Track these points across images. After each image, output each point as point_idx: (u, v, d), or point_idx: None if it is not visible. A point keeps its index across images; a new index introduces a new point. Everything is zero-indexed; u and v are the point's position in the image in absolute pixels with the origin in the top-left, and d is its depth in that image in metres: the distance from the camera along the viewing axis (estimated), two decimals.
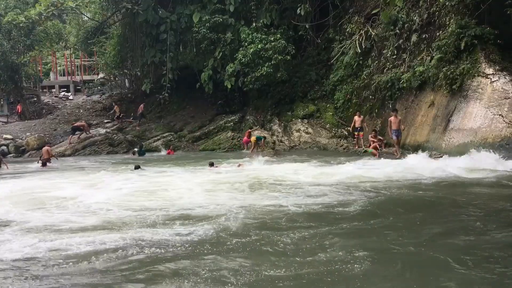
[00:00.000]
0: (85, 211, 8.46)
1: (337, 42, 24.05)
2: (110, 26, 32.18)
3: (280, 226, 7.01)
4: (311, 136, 22.62)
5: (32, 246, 6.14)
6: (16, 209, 8.73)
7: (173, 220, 7.47)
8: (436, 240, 6.17)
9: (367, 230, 6.71)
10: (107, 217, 7.89)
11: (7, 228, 7.25)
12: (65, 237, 6.59)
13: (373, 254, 5.51)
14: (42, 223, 7.48)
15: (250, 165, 15.34)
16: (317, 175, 12.34)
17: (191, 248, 5.97)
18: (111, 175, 13.64)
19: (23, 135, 26.45)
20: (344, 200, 8.79)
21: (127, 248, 5.96)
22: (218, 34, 25.05)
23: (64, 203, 9.25)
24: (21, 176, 14.95)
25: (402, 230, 6.61)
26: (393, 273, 5.06)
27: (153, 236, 6.48)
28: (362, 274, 4.94)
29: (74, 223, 7.49)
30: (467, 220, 7.14)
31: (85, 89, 37.38)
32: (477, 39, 15.46)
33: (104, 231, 6.86)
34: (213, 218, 7.51)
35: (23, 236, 6.74)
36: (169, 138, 25.43)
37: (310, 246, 5.95)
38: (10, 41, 29.31)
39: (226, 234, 6.56)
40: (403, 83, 18.69)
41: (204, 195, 9.78)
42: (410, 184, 10.48)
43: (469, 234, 6.33)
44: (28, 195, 10.46)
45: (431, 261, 5.32)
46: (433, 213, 7.80)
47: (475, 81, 15.16)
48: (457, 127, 15.41)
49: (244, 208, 8.21)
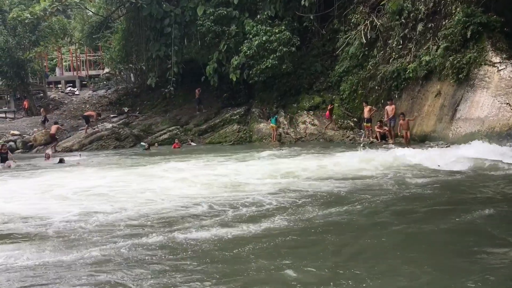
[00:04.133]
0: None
1: (342, 33, 23.89)
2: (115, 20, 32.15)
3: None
4: (317, 128, 22.57)
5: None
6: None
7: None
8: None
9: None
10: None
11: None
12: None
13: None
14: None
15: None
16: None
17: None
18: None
19: (30, 131, 26.61)
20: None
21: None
22: (222, 27, 24.98)
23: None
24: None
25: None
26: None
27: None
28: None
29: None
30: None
31: (91, 84, 37.44)
32: (483, 27, 15.34)
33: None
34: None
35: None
36: (175, 132, 25.45)
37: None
38: (15, 37, 29.40)
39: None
40: (409, 73, 18.57)
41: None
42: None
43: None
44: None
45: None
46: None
47: (482, 70, 15.05)
48: (464, 117, 15.33)
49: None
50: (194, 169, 13.28)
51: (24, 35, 29.47)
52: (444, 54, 16.69)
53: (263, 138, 22.61)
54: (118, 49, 30.43)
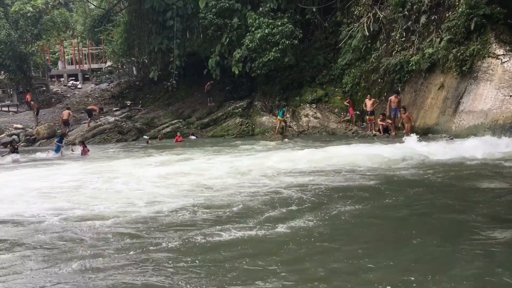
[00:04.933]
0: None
1: (345, 25, 23.79)
2: (117, 13, 32.14)
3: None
4: (320, 120, 22.54)
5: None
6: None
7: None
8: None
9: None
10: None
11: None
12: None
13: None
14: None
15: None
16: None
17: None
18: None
19: (33, 124, 26.68)
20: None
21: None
22: (224, 20, 24.89)
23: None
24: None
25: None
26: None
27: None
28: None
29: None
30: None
31: (93, 78, 37.48)
32: (487, 19, 15.23)
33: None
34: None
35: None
36: (177, 125, 25.47)
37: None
38: (17, 31, 29.40)
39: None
40: (412, 65, 18.48)
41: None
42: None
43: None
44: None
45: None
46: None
47: (485, 62, 14.97)
48: (467, 109, 15.27)
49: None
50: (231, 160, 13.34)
51: (26, 28, 29.47)
52: (447, 46, 16.59)
53: (266, 131, 22.59)
54: (120, 42, 30.41)
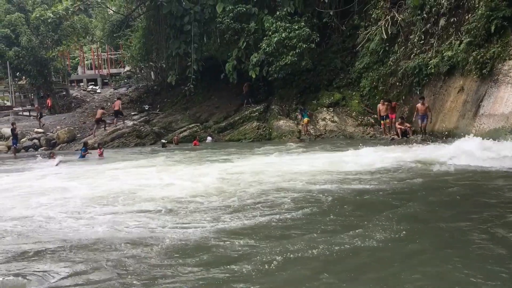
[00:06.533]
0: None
1: (363, 29, 23.66)
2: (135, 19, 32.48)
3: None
4: (337, 124, 22.43)
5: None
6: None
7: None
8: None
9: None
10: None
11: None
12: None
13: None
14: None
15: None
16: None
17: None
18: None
19: (53, 129, 27.08)
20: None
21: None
22: (241, 24, 24.98)
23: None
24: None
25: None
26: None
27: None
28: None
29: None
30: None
31: (112, 82, 37.95)
32: (507, 21, 14.96)
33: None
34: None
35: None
36: (195, 129, 25.62)
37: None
38: (38, 37, 29.97)
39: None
40: (431, 68, 18.28)
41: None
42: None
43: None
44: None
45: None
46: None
47: (506, 65, 14.71)
48: (487, 113, 15.02)
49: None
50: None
51: (47, 34, 30.01)
52: (467, 49, 16.36)
53: (283, 135, 22.54)
54: (139, 47, 30.74)
